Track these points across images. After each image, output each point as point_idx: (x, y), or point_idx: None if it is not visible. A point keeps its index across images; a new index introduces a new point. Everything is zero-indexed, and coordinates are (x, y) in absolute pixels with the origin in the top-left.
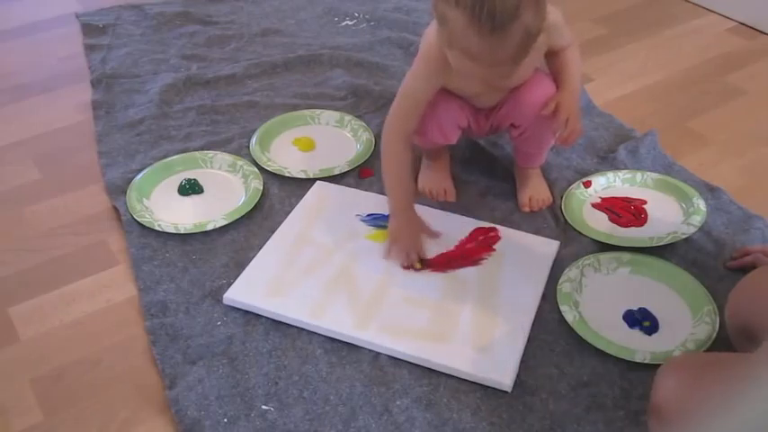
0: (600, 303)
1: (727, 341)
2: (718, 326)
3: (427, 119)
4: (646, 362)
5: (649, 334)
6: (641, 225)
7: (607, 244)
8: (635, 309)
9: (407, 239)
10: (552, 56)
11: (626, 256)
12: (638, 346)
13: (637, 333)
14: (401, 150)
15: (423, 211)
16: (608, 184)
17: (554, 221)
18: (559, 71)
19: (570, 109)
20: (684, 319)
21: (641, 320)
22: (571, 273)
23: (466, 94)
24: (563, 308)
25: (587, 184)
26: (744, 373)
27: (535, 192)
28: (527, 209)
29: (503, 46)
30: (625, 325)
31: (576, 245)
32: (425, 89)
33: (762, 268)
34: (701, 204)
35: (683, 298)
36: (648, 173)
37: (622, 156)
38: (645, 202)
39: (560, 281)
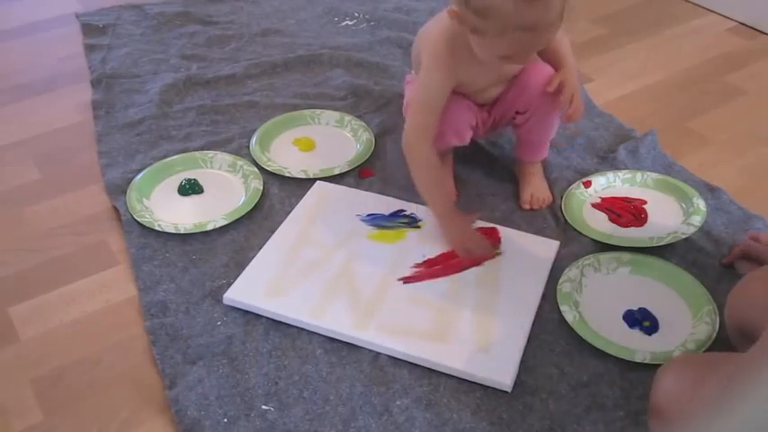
0: (600, 303)
1: (727, 341)
2: (718, 326)
3: (441, 121)
4: (646, 362)
5: (649, 334)
6: (641, 225)
7: (607, 244)
8: (635, 309)
9: (474, 238)
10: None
11: (626, 255)
12: (638, 346)
13: (637, 333)
14: (429, 154)
15: (422, 212)
16: (608, 183)
17: (554, 221)
18: (553, 55)
19: (573, 86)
20: (684, 319)
21: (641, 320)
22: (571, 273)
23: (472, 89)
24: (563, 308)
25: (587, 184)
26: (744, 374)
27: (537, 190)
28: (528, 206)
29: (552, 3)
30: (625, 325)
31: (576, 245)
32: (444, 86)
33: (761, 268)
34: (700, 204)
35: (683, 298)
36: (648, 173)
37: (622, 156)
38: (645, 202)
39: (560, 281)
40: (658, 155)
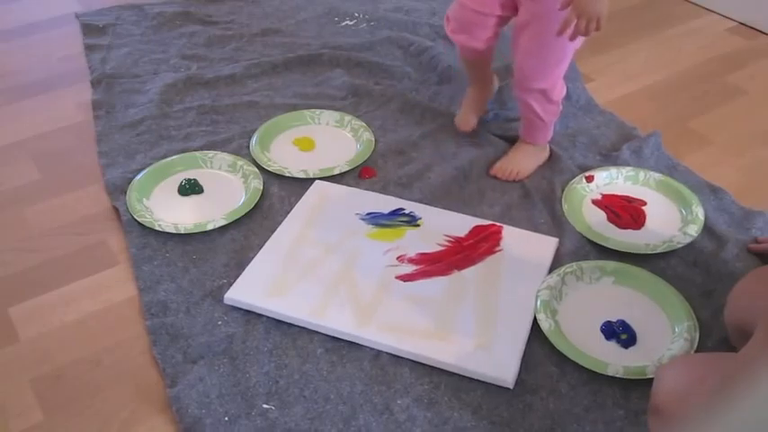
0: (579, 313)
1: (726, 341)
2: (697, 343)
3: None
4: (618, 376)
5: (626, 347)
6: (638, 228)
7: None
8: (614, 320)
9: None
10: None
11: (610, 265)
12: (612, 359)
13: (613, 345)
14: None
15: (421, 210)
16: (610, 179)
17: (551, 218)
18: None
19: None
20: (664, 333)
21: (619, 333)
22: (551, 280)
23: None
24: (539, 316)
25: (590, 179)
26: (744, 373)
27: (510, 162)
28: (493, 173)
29: None
30: (602, 336)
31: (573, 242)
32: None
33: (761, 268)
34: (699, 213)
35: (666, 312)
36: (651, 172)
37: (626, 155)
38: (644, 204)
39: (540, 288)
40: (662, 155)
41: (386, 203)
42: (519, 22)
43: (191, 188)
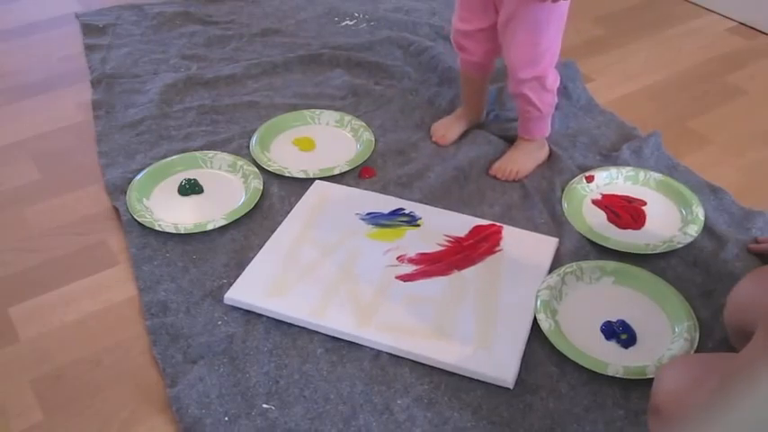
0: (579, 313)
1: (726, 341)
2: (696, 343)
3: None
4: (618, 376)
5: (626, 347)
6: (638, 228)
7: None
8: (614, 320)
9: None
10: None
11: (611, 265)
12: (612, 359)
13: (613, 345)
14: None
15: (421, 210)
16: (610, 179)
17: (551, 217)
18: None
19: None
20: (664, 334)
21: (619, 333)
22: (551, 280)
23: None
24: (539, 316)
25: (590, 179)
26: (744, 374)
27: (509, 162)
28: (492, 173)
29: None
30: (602, 336)
31: (573, 242)
32: None
33: (761, 268)
34: (699, 213)
35: (666, 312)
36: (651, 172)
37: (626, 155)
38: (644, 204)
39: (540, 288)
40: (662, 155)
41: (386, 203)
42: (501, 20)
43: (191, 188)
